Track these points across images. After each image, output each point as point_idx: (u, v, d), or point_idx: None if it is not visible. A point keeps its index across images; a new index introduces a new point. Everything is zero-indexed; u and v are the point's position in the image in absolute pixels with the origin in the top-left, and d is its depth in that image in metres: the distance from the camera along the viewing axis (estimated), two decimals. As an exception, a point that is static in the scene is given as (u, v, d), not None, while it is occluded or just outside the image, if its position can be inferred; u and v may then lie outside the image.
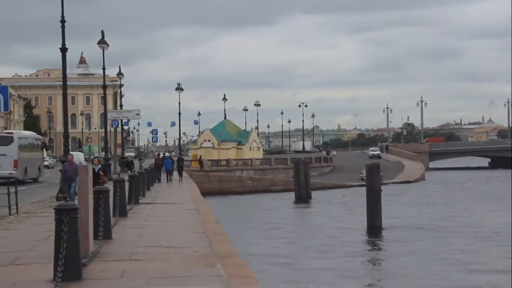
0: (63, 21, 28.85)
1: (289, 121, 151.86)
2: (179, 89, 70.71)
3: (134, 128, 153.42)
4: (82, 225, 9.23)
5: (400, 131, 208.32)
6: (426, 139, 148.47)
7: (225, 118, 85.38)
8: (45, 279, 8.64)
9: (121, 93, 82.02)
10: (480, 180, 76.22)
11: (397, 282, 21.26)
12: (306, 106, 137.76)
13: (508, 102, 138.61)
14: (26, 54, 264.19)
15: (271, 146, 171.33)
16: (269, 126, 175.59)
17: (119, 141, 65.60)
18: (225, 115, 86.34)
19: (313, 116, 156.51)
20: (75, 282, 8.34)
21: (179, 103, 69.63)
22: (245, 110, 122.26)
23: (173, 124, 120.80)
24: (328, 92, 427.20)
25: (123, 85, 79.02)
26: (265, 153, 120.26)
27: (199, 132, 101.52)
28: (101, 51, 42.54)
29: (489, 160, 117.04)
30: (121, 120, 54.27)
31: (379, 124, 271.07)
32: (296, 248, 28.31)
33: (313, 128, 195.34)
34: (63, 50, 28.98)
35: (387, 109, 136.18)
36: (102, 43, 41.35)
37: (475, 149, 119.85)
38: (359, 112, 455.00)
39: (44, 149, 50.07)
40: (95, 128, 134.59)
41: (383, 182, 48.22)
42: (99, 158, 32.10)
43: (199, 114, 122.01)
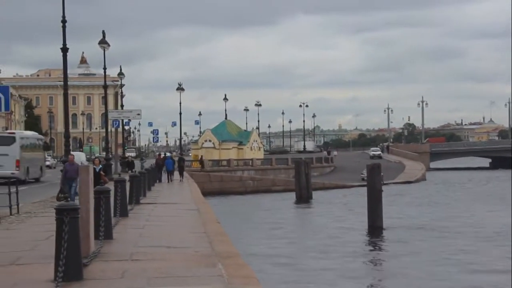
0: (64, 21, 28.88)
1: (290, 121, 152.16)
2: (180, 89, 70.69)
3: (135, 128, 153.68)
4: (83, 225, 9.23)
5: (401, 131, 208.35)
6: (427, 139, 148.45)
7: (226, 118, 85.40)
8: (46, 279, 8.63)
9: (122, 93, 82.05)
10: (480, 180, 76.18)
11: (398, 282, 21.25)
12: (307, 106, 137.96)
13: (508, 102, 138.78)
14: (27, 54, 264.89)
15: (272, 146, 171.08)
16: (270, 126, 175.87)
17: (120, 141, 65.60)
18: (226, 115, 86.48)
19: (314, 116, 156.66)
20: (76, 282, 8.33)
21: (180, 103, 69.65)
22: (246, 110, 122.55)
23: (174, 124, 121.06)
24: (329, 92, 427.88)
25: (124, 85, 79.07)
26: (268, 153, 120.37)
27: (200, 132, 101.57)
28: (102, 51, 42.57)
29: (490, 160, 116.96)
30: (122, 120, 54.31)
31: (380, 124, 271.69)
32: (297, 248, 28.30)
33: (314, 128, 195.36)
34: (64, 50, 28.99)
35: (388, 109, 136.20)
36: (103, 43, 41.38)
37: (476, 150, 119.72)
38: (360, 112, 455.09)
39: (46, 149, 49.97)
40: (96, 128, 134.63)
41: (384, 182, 48.15)
42: (100, 158, 32.11)
43: (200, 114, 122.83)
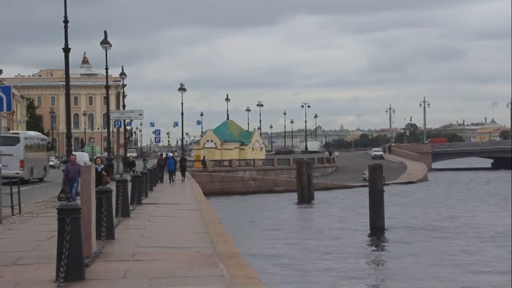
0: (66, 21, 28.87)
1: (292, 121, 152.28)
2: (182, 89, 70.78)
3: (136, 128, 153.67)
4: (84, 225, 9.23)
5: (403, 131, 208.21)
6: (428, 139, 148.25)
7: (227, 118, 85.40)
8: (47, 279, 8.64)
9: (123, 93, 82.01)
10: (482, 181, 76.13)
11: (400, 283, 21.24)
12: (309, 106, 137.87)
13: (510, 103, 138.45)
14: (29, 54, 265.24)
15: (274, 146, 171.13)
16: (271, 126, 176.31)
17: (122, 141, 65.58)
18: (228, 115, 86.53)
19: (315, 116, 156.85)
20: (78, 282, 8.33)
21: (182, 104, 69.76)
22: (248, 110, 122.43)
23: (175, 124, 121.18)
24: (330, 92, 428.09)
25: (126, 85, 79.10)
26: (273, 153, 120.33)
27: (202, 132, 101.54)
28: (104, 51, 42.54)
29: (492, 161, 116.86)
30: (124, 120, 54.26)
31: (382, 124, 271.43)
32: (298, 248, 28.28)
33: (316, 128, 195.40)
34: (66, 50, 28.98)
35: (390, 109, 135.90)
36: (105, 43, 41.34)
37: (478, 150, 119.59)
38: (362, 112, 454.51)
39: (49, 150, 49.94)
40: (98, 128, 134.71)
41: (386, 182, 48.18)
42: (102, 158, 32.09)
43: (201, 114, 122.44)
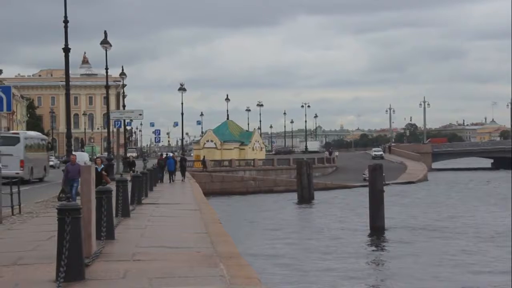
0: (66, 21, 28.86)
1: (292, 122, 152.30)
2: (182, 89, 70.77)
3: (136, 128, 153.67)
4: (84, 225, 9.23)
5: (403, 131, 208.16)
6: (428, 139, 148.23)
7: (227, 118, 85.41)
8: (47, 279, 8.63)
9: (123, 93, 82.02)
10: (482, 181, 76.14)
11: (400, 283, 21.23)
12: (309, 106, 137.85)
13: (510, 103, 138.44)
14: (29, 54, 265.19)
15: (274, 146, 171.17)
16: (271, 126, 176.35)
17: (122, 141, 65.59)
18: (228, 115, 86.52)
19: (316, 116, 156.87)
20: (78, 282, 8.33)
21: (182, 104, 69.75)
22: (248, 110, 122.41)
23: (175, 124, 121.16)
24: (331, 92, 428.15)
25: (126, 85, 79.08)
26: (273, 153, 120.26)
27: (202, 132, 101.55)
28: (104, 51, 42.53)
29: (492, 161, 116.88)
30: (124, 120, 54.26)
31: (382, 124, 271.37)
32: (298, 248, 28.28)
33: (316, 128, 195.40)
34: (66, 50, 28.98)
35: (390, 109, 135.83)
36: (105, 43, 41.33)
37: (478, 150, 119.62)
38: (362, 112, 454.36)
39: (50, 150, 49.96)
40: (98, 128, 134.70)
41: (386, 182, 48.20)
42: (102, 158, 32.10)
43: (201, 114, 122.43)
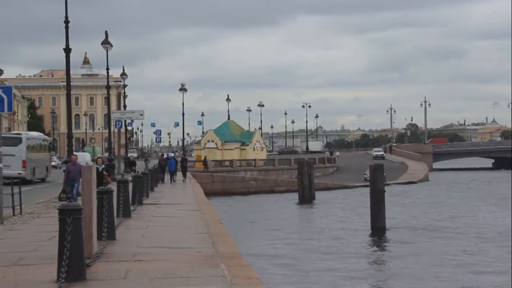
0: (67, 22, 28.86)
1: (293, 122, 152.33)
2: (183, 89, 70.71)
3: (137, 128, 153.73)
4: (86, 226, 9.23)
5: (403, 131, 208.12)
6: (429, 139, 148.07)
7: (228, 118, 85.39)
8: (48, 279, 8.64)
9: (124, 93, 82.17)
10: (483, 181, 76.12)
11: (401, 283, 21.22)
12: (309, 106, 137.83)
13: (511, 103, 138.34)
14: (29, 54, 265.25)
15: (274, 146, 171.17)
16: (272, 126, 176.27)
17: (122, 141, 65.61)
18: (229, 115, 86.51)
19: (316, 116, 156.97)
20: (79, 282, 8.33)
21: (183, 104, 69.70)
22: (249, 110, 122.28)
23: (176, 124, 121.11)
24: (331, 92, 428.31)
25: (127, 85, 79.10)
26: (275, 153, 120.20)
27: (203, 132, 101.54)
28: (105, 52, 42.54)
29: (493, 161, 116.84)
30: (125, 120, 54.26)
31: (383, 124, 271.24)
32: (299, 249, 28.27)
33: (317, 128, 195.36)
34: (67, 50, 28.98)
35: (391, 109, 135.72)
36: (106, 43, 41.34)
37: (479, 150, 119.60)
38: (363, 112, 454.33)
39: (51, 150, 50.08)
40: (99, 128, 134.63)
41: (387, 182, 48.16)
42: (103, 158, 32.11)
43: (202, 114, 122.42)
